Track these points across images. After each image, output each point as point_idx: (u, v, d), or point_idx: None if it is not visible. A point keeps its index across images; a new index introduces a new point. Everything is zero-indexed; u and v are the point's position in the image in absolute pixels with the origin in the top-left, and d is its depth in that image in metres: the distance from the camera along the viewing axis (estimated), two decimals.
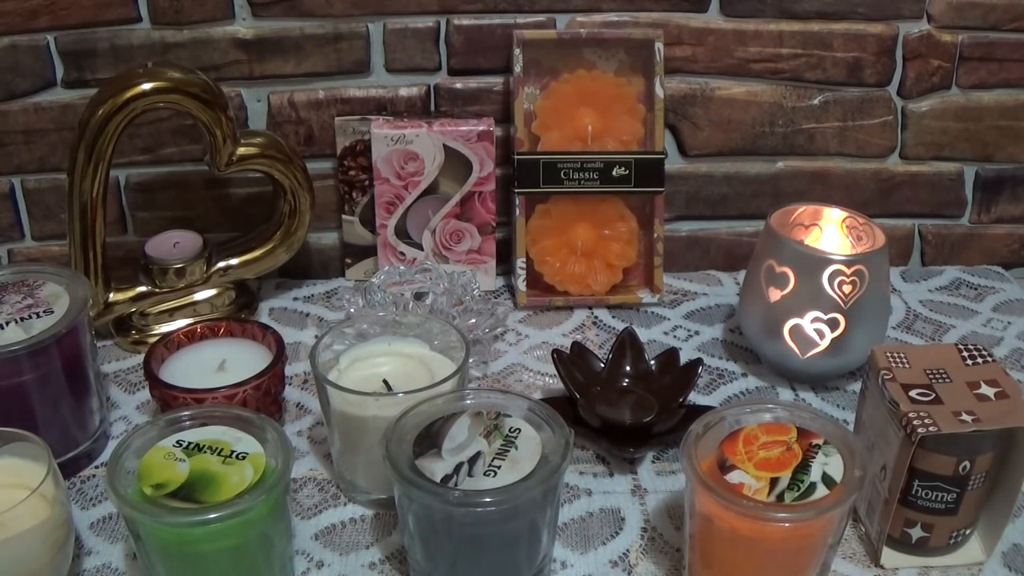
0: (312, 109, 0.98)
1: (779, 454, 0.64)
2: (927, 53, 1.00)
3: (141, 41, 0.94)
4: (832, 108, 1.01)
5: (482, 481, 0.62)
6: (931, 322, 0.98)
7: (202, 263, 0.93)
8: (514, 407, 0.68)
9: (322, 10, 0.94)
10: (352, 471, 0.75)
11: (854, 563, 0.70)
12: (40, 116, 0.95)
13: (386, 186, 0.97)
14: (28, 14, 0.91)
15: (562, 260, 0.99)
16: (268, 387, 0.78)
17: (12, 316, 0.74)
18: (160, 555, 0.62)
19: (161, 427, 0.66)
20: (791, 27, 0.98)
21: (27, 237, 1.01)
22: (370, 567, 0.70)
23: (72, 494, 0.76)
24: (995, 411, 0.65)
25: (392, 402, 0.70)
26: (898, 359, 0.71)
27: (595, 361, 0.86)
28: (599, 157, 0.96)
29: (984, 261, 1.09)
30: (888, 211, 1.06)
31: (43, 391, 0.74)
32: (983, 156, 1.05)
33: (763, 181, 1.04)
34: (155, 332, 0.92)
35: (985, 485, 0.68)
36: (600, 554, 0.71)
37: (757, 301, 0.86)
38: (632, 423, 0.79)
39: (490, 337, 0.91)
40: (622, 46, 0.96)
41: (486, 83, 0.99)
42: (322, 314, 0.98)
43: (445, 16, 0.96)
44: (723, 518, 0.61)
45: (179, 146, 0.98)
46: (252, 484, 0.61)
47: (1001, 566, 0.70)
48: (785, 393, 0.88)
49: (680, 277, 1.05)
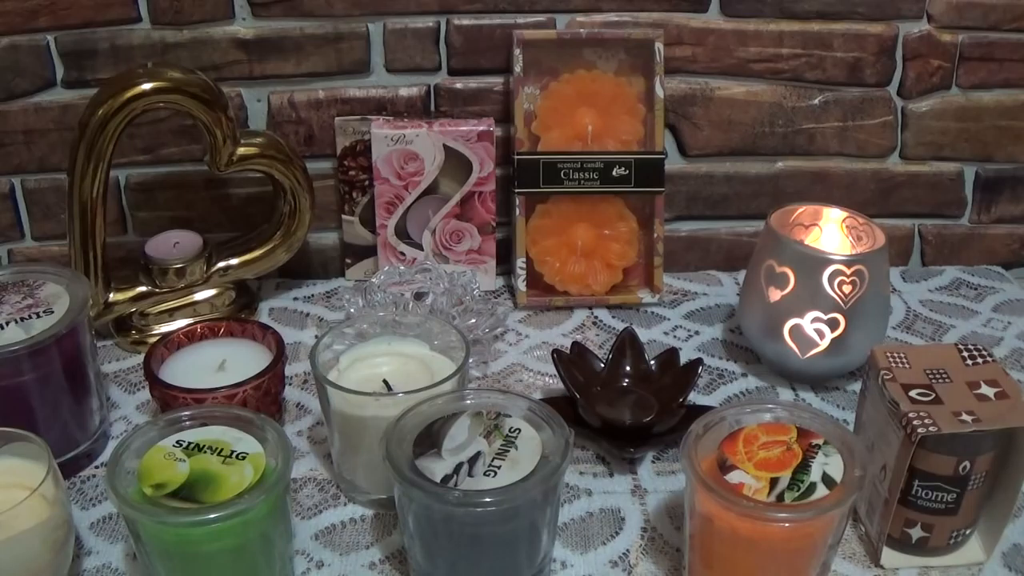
0: (312, 109, 0.98)
1: (779, 454, 0.64)
2: (927, 53, 1.00)
3: (141, 41, 0.94)
4: (832, 108, 1.01)
5: (482, 481, 0.62)
6: (931, 322, 0.98)
7: (202, 263, 0.93)
8: (514, 407, 0.68)
9: (322, 10, 0.94)
10: (352, 471, 0.74)
11: (854, 563, 0.70)
12: (40, 116, 0.95)
13: (386, 186, 0.97)
14: (28, 14, 0.91)
15: (562, 260, 0.99)
16: (268, 387, 0.78)
17: (12, 316, 0.74)
18: (160, 555, 0.62)
19: (161, 427, 0.66)
20: (791, 27, 0.98)
21: (27, 237, 1.01)
22: (370, 567, 0.70)
23: (72, 494, 0.76)
24: (995, 411, 0.65)
25: (392, 402, 0.70)
26: (898, 359, 0.71)
27: (595, 361, 0.85)
28: (599, 157, 0.96)
29: (984, 261, 1.09)
30: (888, 211, 1.06)
31: (43, 391, 0.74)
32: (983, 156, 1.05)
33: (763, 181, 1.04)
34: (155, 332, 0.92)
35: (985, 485, 0.68)
36: (600, 554, 0.71)
37: (757, 301, 0.86)
38: (632, 423, 0.79)
39: (490, 337, 0.91)
40: (622, 46, 0.96)
41: (486, 83, 0.99)
42: (322, 314, 0.98)
43: (445, 16, 0.96)
44: (723, 518, 0.61)
45: (179, 146, 0.98)
46: (252, 484, 0.61)
47: (1001, 566, 0.70)
48: (785, 393, 0.88)
49: (680, 277, 1.05)
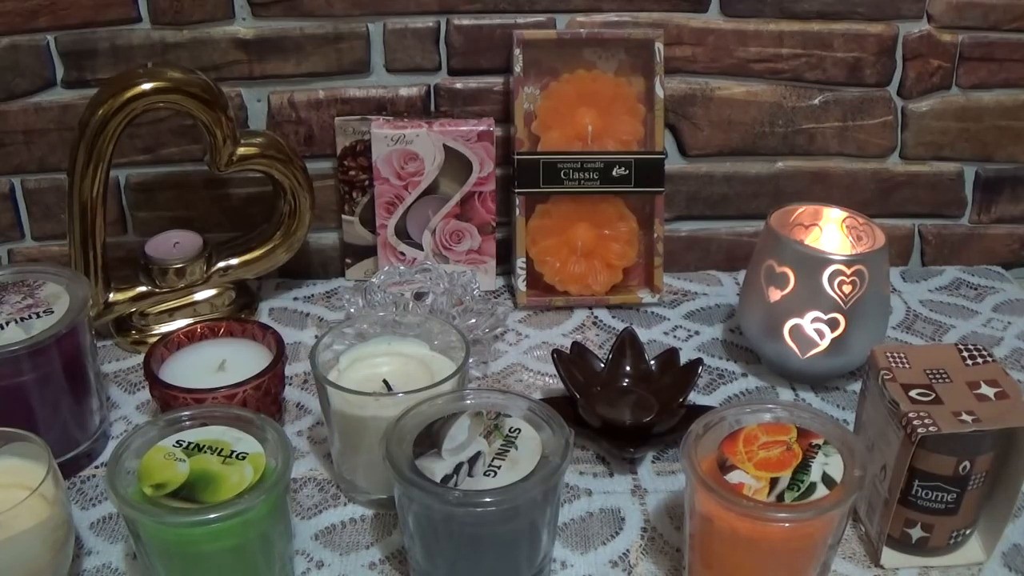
0: (312, 109, 0.98)
1: (779, 454, 0.64)
2: (927, 53, 1.00)
3: (141, 41, 0.94)
4: (832, 108, 1.01)
5: (482, 481, 0.62)
6: (931, 322, 0.98)
7: (202, 263, 0.93)
8: (514, 407, 0.68)
9: (322, 10, 0.94)
10: (352, 471, 0.74)
11: (854, 563, 0.70)
12: (40, 116, 0.95)
13: (386, 186, 0.97)
14: (28, 14, 0.91)
15: (562, 260, 0.99)
16: (268, 387, 0.78)
17: (12, 316, 0.74)
18: (160, 555, 0.62)
19: (161, 427, 0.66)
20: (791, 27, 0.98)
21: (27, 237, 1.01)
22: (370, 567, 0.70)
23: (72, 494, 0.76)
24: (995, 411, 0.65)
25: (392, 402, 0.70)
26: (898, 359, 0.71)
27: (595, 361, 0.85)
28: (599, 157, 0.96)
29: (984, 261, 1.09)
30: (888, 211, 1.06)
31: (43, 391, 0.74)
32: (983, 156, 1.05)
33: (763, 181, 1.04)
34: (155, 332, 0.92)
35: (985, 485, 0.68)
36: (600, 554, 0.71)
37: (757, 301, 0.86)
38: (632, 423, 0.79)
39: (490, 337, 0.91)
40: (622, 46, 0.96)
41: (486, 83, 0.99)
42: (322, 314, 0.98)
43: (445, 16, 0.96)
44: (723, 518, 0.61)
45: (179, 146, 0.98)
46: (252, 484, 0.61)
47: (1001, 566, 0.70)
48: (785, 393, 0.88)
49: (680, 277, 1.05)
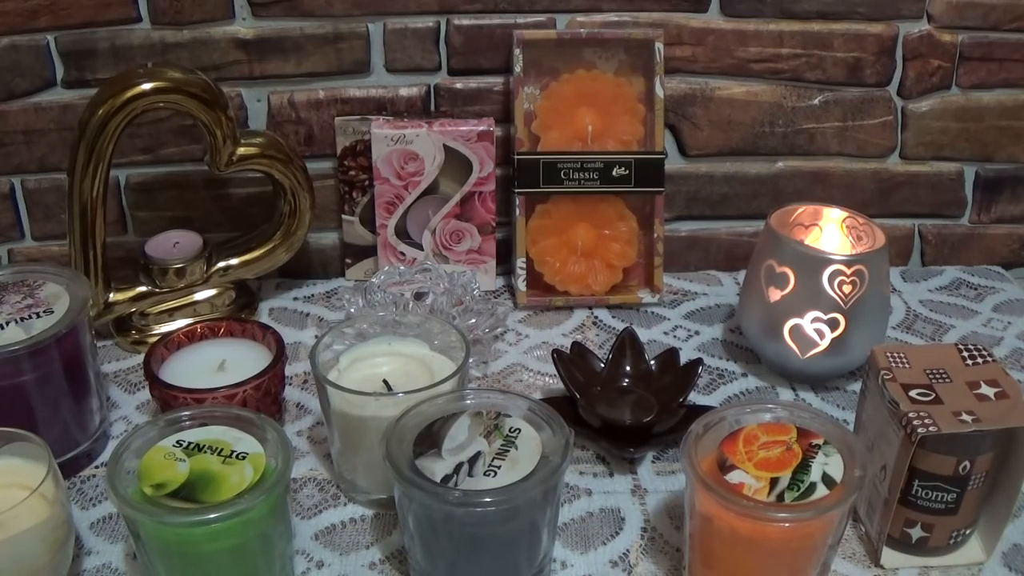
0: (312, 109, 0.98)
1: (779, 454, 0.64)
2: (927, 53, 1.00)
3: (141, 41, 0.94)
4: (832, 108, 1.01)
5: (482, 481, 0.62)
6: (931, 322, 0.98)
7: (202, 263, 0.93)
8: (514, 407, 0.68)
9: (322, 10, 0.94)
10: (352, 471, 0.74)
11: (854, 563, 0.70)
12: (40, 116, 0.95)
13: (386, 186, 0.97)
14: (28, 14, 0.91)
15: (562, 260, 0.99)
16: (268, 387, 0.78)
17: (12, 316, 0.74)
18: (160, 555, 0.62)
19: (161, 427, 0.66)
20: (791, 27, 0.98)
21: (27, 237, 1.01)
22: (370, 567, 0.70)
23: (72, 494, 0.75)
24: (995, 411, 0.65)
25: (392, 402, 0.70)
26: (898, 359, 0.71)
27: (595, 361, 0.85)
28: (599, 157, 0.96)
29: (984, 261, 1.09)
30: (888, 211, 1.06)
31: (43, 391, 0.74)
32: (983, 156, 1.05)
33: (763, 181, 1.04)
34: (155, 332, 0.92)
35: (985, 485, 0.68)
36: (600, 554, 0.71)
37: (757, 301, 0.86)
38: (632, 423, 0.79)
39: (490, 337, 0.91)
40: (622, 46, 0.96)
41: (486, 83, 0.99)
42: (322, 314, 0.98)
43: (445, 16, 0.96)
44: (723, 518, 0.61)
45: (179, 146, 0.98)
46: (252, 484, 0.61)
47: (1001, 566, 0.70)
48: (785, 393, 0.88)
49: (680, 277, 1.05)
